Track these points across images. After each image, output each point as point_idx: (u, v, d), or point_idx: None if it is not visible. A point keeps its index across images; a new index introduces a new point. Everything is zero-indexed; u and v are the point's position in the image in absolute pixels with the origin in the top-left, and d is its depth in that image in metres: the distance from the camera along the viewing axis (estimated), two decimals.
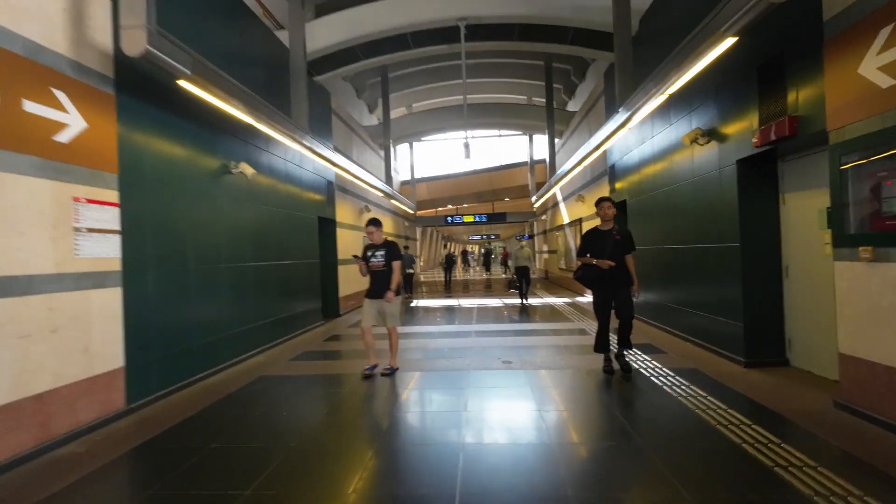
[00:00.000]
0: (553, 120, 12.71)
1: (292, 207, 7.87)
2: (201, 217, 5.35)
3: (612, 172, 9.52)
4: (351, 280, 11.21)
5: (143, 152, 4.39)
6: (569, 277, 14.11)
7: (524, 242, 9.57)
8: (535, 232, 22.93)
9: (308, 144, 6.94)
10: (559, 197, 15.65)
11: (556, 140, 15.96)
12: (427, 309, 11.15)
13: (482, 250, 62.03)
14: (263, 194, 6.83)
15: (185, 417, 3.96)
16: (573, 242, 13.51)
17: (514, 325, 8.23)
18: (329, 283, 10.17)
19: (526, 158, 19.04)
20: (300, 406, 4.26)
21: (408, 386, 4.71)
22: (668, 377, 4.61)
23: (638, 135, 7.81)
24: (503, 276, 24.40)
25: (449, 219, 22.77)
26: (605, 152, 9.64)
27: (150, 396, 4.28)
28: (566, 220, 14.58)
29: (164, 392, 4.45)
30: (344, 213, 10.86)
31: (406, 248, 17.37)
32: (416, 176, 18.96)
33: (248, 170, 6.01)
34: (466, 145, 11.38)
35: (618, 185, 9.10)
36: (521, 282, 10.96)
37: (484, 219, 22.66)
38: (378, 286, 5.09)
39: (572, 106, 14.87)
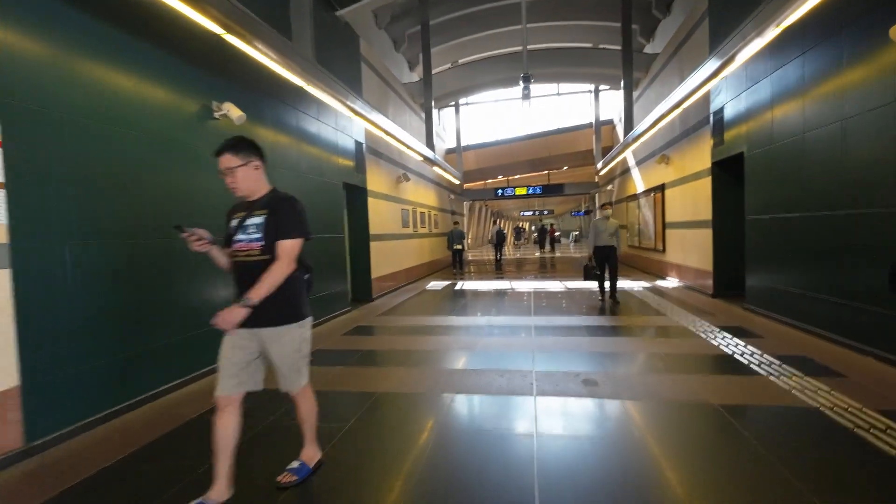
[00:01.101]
0: (631, 64, 10.35)
1: (308, 170, 6.38)
2: (168, 176, 3.93)
3: (717, 119, 7.23)
4: (387, 258, 9.73)
5: (50, 71, 2.94)
6: (642, 257, 11.87)
7: (609, 211, 7.40)
8: (597, 205, 20.43)
9: (315, 80, 5.35)
10: (630, 162, 13.26)
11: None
12: (475, 294, 9.47)
13: (534, 227, 59.16)
14: (265, 151, 5.34)
15: (117, 459, 2.61)
16: (650, 215, 11.23)
17: (586, 320, 6.37)
18: (359, 262, 8.74)
19: (589, 119, 16.59)
20: (288, 451, 2.76)
21: (433, 430, 3.07)
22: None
23: (774, 57, 5.53)
24: (552, 254, 22.21)
25: (499, 191, 20.77)
26: (705, 95, 7.35)
27: (65, 429, 2.95)
28: (640, 188, 12.24)
29: (90, 420, 3.11)
30: (377, 180, 9.31)
31: (456, 223, 16.16)
32: (463, 143, 17.09)
33: (234, 112, 4.51)
34: (526, 78, 9.33)
35: (729, 135, 6.84)
36: (602, 268, 7.49)
37: (538, 191, 20.47)
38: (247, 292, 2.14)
39: (651, 49, 12.29)
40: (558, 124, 17.23)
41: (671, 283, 9.63)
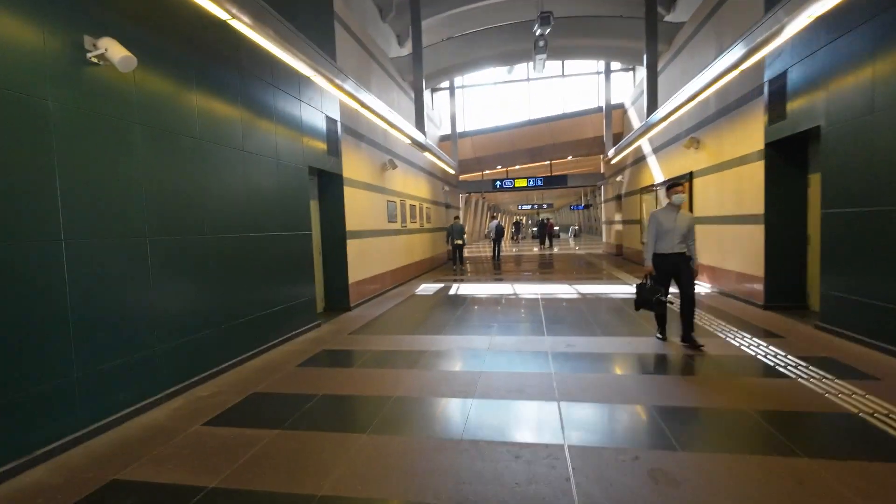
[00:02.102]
0: (655, 33, 8.86)
1: (259, 150, 4.89)
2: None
3: (775, 89, 5.79)
4: (369, 258, 8.27)
5: None
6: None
7: (682, 196, 4.58)
8: (603, 198, 19.03)
9: (260, 24, 3.87)
10: (646, 149, 11.83)
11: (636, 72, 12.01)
12: (472, 301, 8.03)
13: (530, 221, 57.75)
14: (182, 116, 3.86)
15: None
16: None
17: (616, 343, 4.96)
18: (333, 264, 7.27)
19: (597, 104, 15.14)
20: None
21: None
22: None
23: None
24: (551, 250, 20.80)
25: (498, 183, 19.34)
26: (758, 62, 5.90)
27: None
28: (659, 177, 10.82)
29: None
30: (356, 166, 7.82)
31: (456, 217, 15.21)
32: (459, 130, 15.60)
33: (115, 51, 3.01)
34: (544, 20, 7.83)
35: (795, 106, 5.41)
36: (665, 288, 4.62)
37: (539, 183, 19.04)
38: None
39: (673, 17, 10.81)
40: (562, 109, 15.71)
41: (700, 287, 8.24)
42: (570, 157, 17.95)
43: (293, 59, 4.63)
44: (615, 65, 14.67)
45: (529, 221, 56.63)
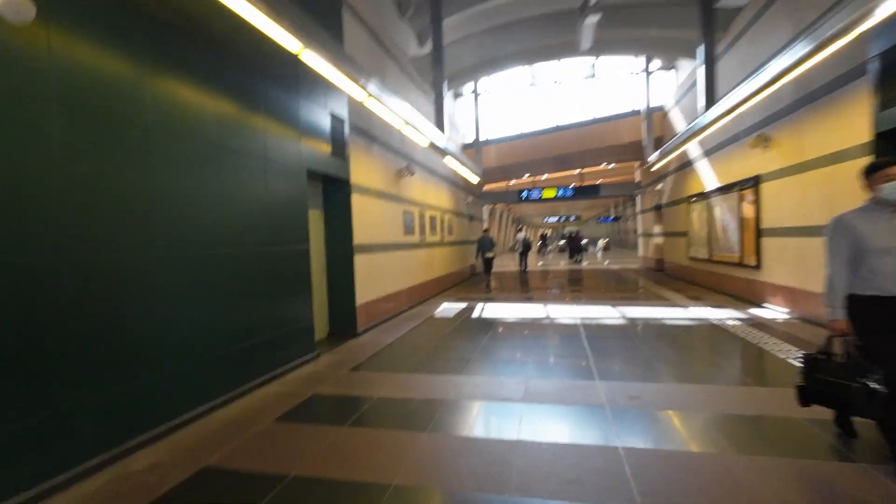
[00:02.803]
0: (712, 19, 7.64)
1: (237, 144, 3.99)
2: None
3: (890, 63, 4.56)
4: (382, 276, 7.28)
5: None
6: (714, 273, 9.09)
7: None
8: (639, 209, 17.65)
9: None
10: (694, 153, 10.55)
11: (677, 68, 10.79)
12: (499, 326, 6.92)
13: (556, 234, 55.91)
14: (126, 99, 2.97)
15: None
16: (731, 218, 8.50)
17: (699, 392, 3.76)
18: (338, 283, 6.31)
19: (633, 107, 13.93)
20: None
21: None
22: None
23: None
24: (580, 265, 19.37)
25: (524, 194, 18.20)
26: (855, 39, 4.68)
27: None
28: (712, 184, 9.52)
29: None
30: (367, 171, 6.89)
31: (486, 230, 14.51)
32: (482, 137, 14.64)
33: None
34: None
35: None
36: (878, 357, 2.34)
37: (569, 193, 17.81)
38: None
39: (725, 3, 9.58)
40: (593, 114, 14.55)
41: (774, 312, 6.89)
42: (604, 165, 16.70)
43: (296, 43, 3.73)
44: (654, 64, 13.48)
45: (555, 234, 55.01)
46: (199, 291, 3.54)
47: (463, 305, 8.87)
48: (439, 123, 8.58)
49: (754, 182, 7.50)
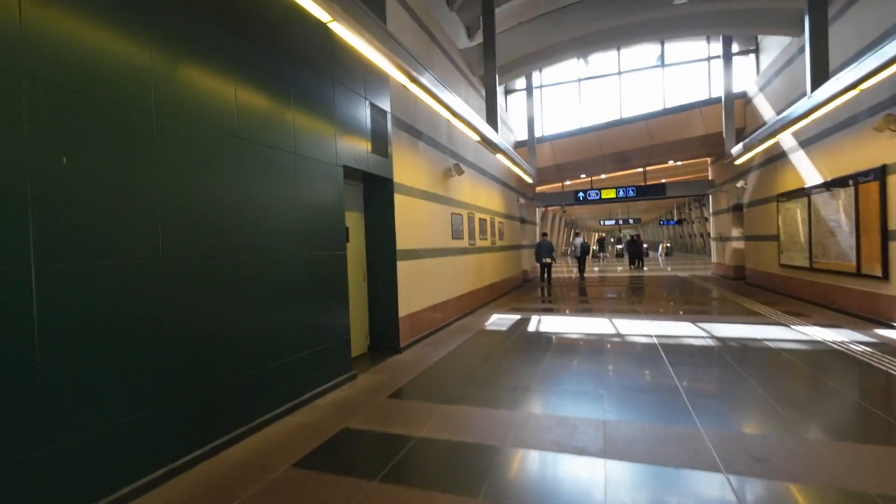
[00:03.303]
0: None
1: (264, 138, 3.46)
2: None
3: None
4: (428, 284, 6.63)
5: None
6: (820, 283, 7.64)
7: None
8: (712, 210, 15.89)
9: None
10: (788, 143, 9.09)
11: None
12: (559, 343, 6.04)
13: (612, 239, 53.16)
14: (123, 81, 2.48)
15: None
16: (843, 218, 7.08)
17: (871, 459, 2.75)
18: (380, 291, 5.72)
19: (704, 96, 12.43)
20: None
21: None
22: None
23: None
24: (641, 271, 17.73)
25: (581, 195, 17.00)
26: None
27: None
28: (816, 178, 8.07)
29: None
30: (412, 170, 6.27)
31: (544, 234, 14.34)
32: (537, 134, 13.70)
33: None
34: None
35: None
36: None
37: (631, 193, 16.41)
38: None
39: None
40: (661, 105, 13.18)
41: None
42: (671, 162, 15.17)
43: (336, 24, 3.17)
44: (732, 48, 11.96)
45: (612, 239, 52.34)
46: (212, 304, 3.02)
47: (516, 317, 8.03)
48: (491, 118, 7.84)
49: (879, 174, 6.11)
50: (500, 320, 7.77)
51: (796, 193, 8.69)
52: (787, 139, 9.04)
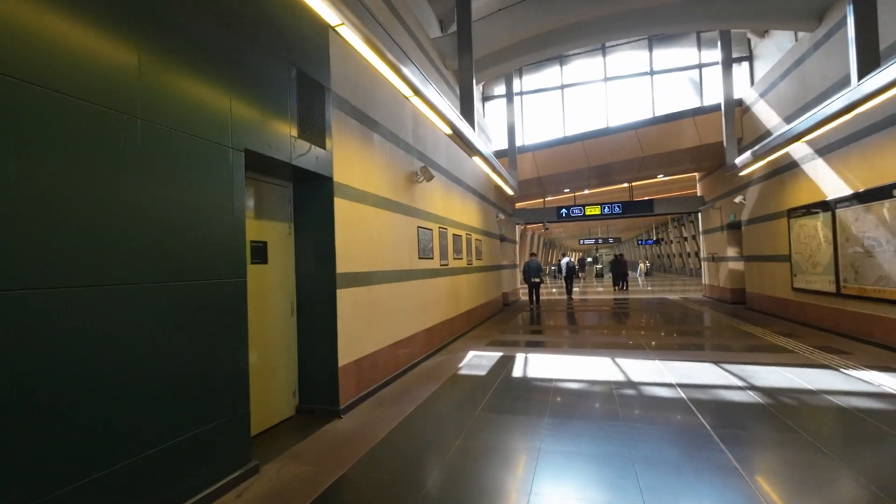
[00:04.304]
0: None
1: (72, 87, 1.94)
2: None
3: None
4: (380, 318, 5.09)
5: None
6: (849, 311, 6.46)
7: None
8: (702, 228, 14.94)
9: None
10: (800, 152, 8.08)
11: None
12: (559, 395, 4.58)
13: (589, 258, 52.55)
14: None
15: None
16: (881, 234, 5.95)
17: None
18: (312, 332, 4.16)
19: (696, 104, 11.52)
20: None
21: None
22: None
23: None
24: (623, 292, 16.59)
25: (564, 211, 15.86)
26: None
27: None
28: (836, 190, 7.01)
29: None
30: (361, 168, 4.79)
31: (533, 254, 13.99)
32: (519, 143, 12.50)
33: None
34: None
35: None
36: None
37: (617, 210, 15.35)
38: None
39: None
40: (650, 114, 12.21)
41: None
42: (660, 177, 14.20)
43: None
44: (716, 56, 11.14)
45: (589, 259, 51.82)
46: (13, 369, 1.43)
47: (498, 355, 6.55)
48: (466, 112, 6.50)
49: None
50: (478, 360, 6.27)
51: (815, 208, 7.61)
52: (798, 147, 8.02)
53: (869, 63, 4.98)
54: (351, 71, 4.63)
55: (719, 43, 9.98)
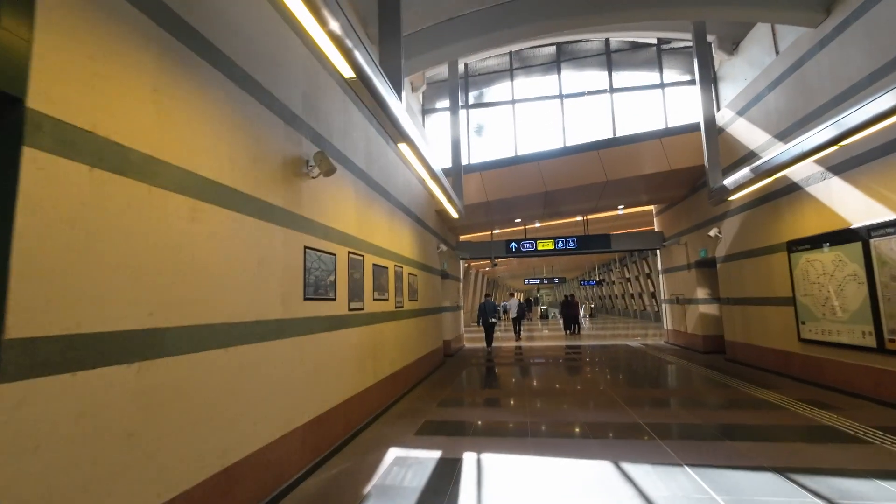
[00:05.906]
0: None
1: None
2: None
3: None
4: (155, 434, 2.44)
5: None
6: (863, 367, 4.71)
7: None
8: (662, 267, 13.59)
9: None
10: (803, 173, 6.67)
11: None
12: None
13: (532, 299, 51.50)
14: None
15: None
16: None
17: None
18: None
19: (659, 125, 10.29)
20: None
21: None
22: None
23: None
24: (575, 338, 14.85)
25: (513, 245, 13.99)
26: None
27: None
28: (863, 216, 5.50)
29: None
30: (150, 107, 2.31)
31: (488, 294, 13.40)
32: (465, 162, 10.56)
33: None
34: None
35: None
36: None
37: (572, 245, 13.73)
38: None
39: None
40: (615, 133, 10.77)
41: None
42: (620, 209, 12.81)
43: None
44: (676, 77, 10.11)
45: (532, 299, 50.98)
46: None
47: (435, 456, 4.06)
48: (391, 71, 4.28)
49: None
50: (400, 473, 3.73)
51: (831, 239, 6.08)
52: (801, 168, 6.60)
53: None
54: None
55: (695, 61, 8.78)
